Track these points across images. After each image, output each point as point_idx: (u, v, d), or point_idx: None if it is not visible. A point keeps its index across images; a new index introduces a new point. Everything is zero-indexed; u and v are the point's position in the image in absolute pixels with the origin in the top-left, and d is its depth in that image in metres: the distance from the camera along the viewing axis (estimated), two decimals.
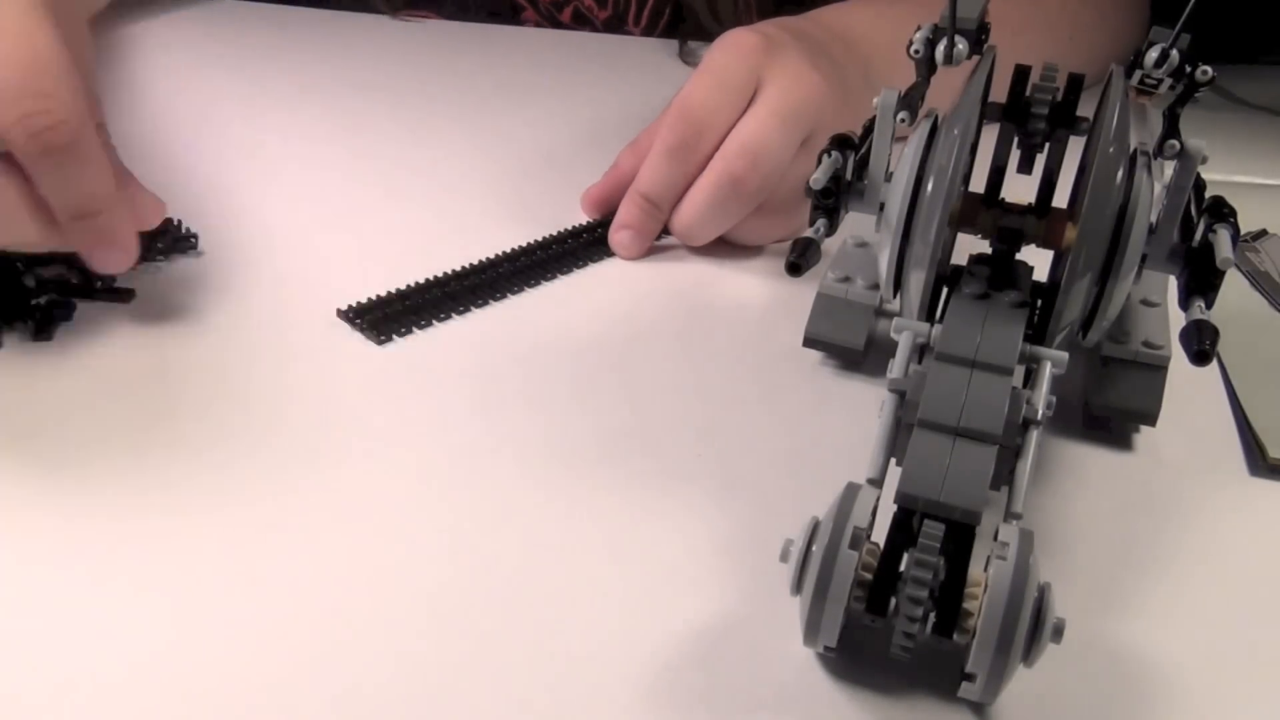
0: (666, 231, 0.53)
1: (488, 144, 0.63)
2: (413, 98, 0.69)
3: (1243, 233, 0.39)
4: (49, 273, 0.44)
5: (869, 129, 0.39)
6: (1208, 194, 0.36)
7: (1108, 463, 0.41)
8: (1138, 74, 0.36)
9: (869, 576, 0.30)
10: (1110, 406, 0.41)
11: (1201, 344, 0.33)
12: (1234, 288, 0.52)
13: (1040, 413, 0.32)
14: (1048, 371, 0.34)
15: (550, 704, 0.30)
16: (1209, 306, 0.34)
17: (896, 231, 0.36)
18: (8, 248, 0.40)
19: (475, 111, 0.68)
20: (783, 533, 0.31)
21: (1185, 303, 0.35)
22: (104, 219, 0.39)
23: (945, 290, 0.37)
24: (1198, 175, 0.36)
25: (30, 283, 0.44)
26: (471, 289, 0.48)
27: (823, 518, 0.30)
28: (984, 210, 0.38)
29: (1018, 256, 0.38)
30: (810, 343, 0.45)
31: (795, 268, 0.36)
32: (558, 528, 0.36)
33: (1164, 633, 0.33)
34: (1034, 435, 0.32)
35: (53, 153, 0.37)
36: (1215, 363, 0.46)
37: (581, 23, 0.83)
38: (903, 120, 0.38)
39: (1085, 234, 0.34)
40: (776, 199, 0.51)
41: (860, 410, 0.42)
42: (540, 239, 0.52)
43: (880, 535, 0.30)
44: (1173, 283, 0.37)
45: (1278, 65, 0.83)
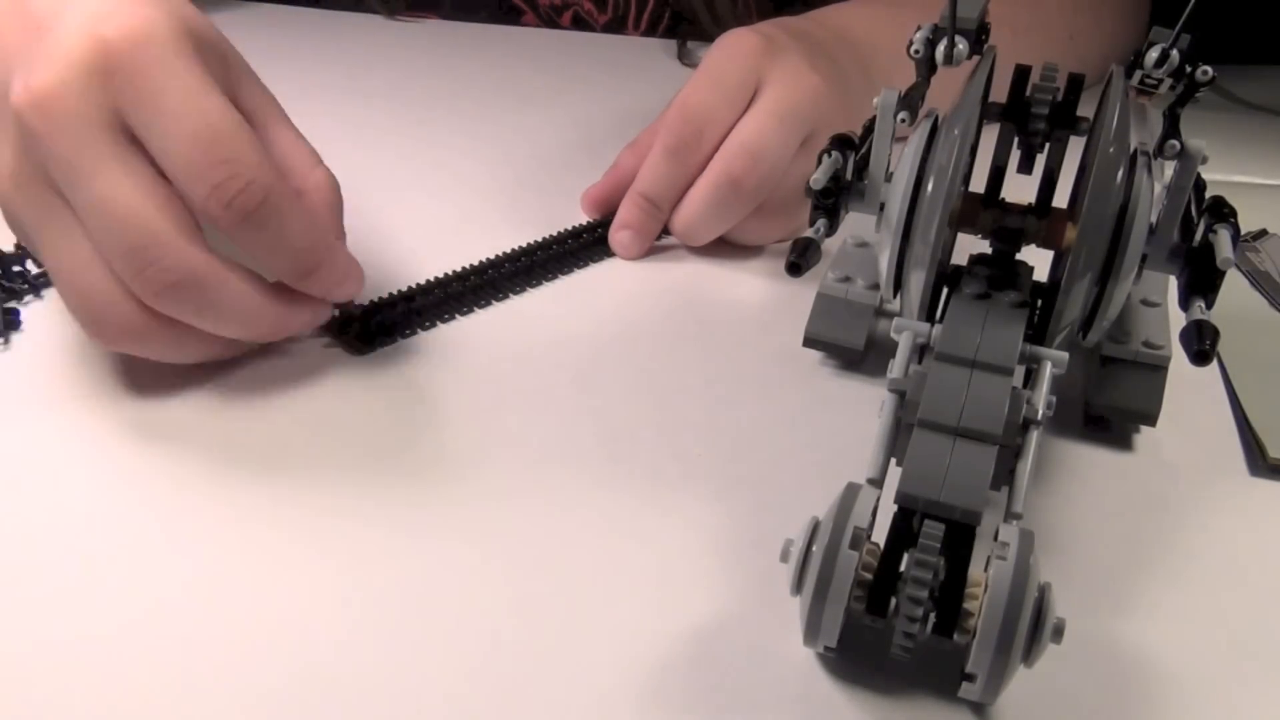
0: (667, 231, 0.53)
1: (487, 145, 0.63)
2: (412, 98, 0.69)
3: (1243, 233, 0.39)
4: None
5: (869, 129, 0.39)
6: (1208, 194, 0.36)
7: (1108, 463, 0.41)
8: (1138, 74, 0.36)
9: (869, 576, 0.30)
10: (1110, 406, 0.41)
11: (1202, 344, 0.33)
12: (1234, 288, 0.52)
13: (1040, 413, 0.32)
14: (1048, 371, 0.34)
15: (550, 704, 0.30)
16: (1209, 306, 0.34)
17: (896, 231, 0.36)
18: (242, 335, 0.40)
19: (474, 112, 0.68)
20: (783, 533, 0.31)
21: (1185, 303, 0.35)
22: (326, 268, 0.40)
23: (945, 290, 0.37)
24: (1198, 175, 0.36)
25: None
26: (472, 290, 0.48)
27: (823, 518, 0.30)
28: (984, 210, 0.38)
29: (1018, 256, 0.38)
30: (810, 343, 0.45)
31: (795, 268, 0.36)
32: (557, 527, 0.36)
33: (1164, 633, 0.33)
34: (1034, 435, 0.32)
35: (252, 216, 0.37)
36: (1215, 363, 0.46)
37: (581, 26, 0.83)
38: (903, 120, 0.38)
39: (1085, 234, 0.34)
40: (776, 199, 0.51)
41: (860, 410, 0.42)
42: (539, 240, 0.52)
43: (880, 535, 0.30)
44: (1173, 283, 0.37)
45: (1278, 65, 0.83)
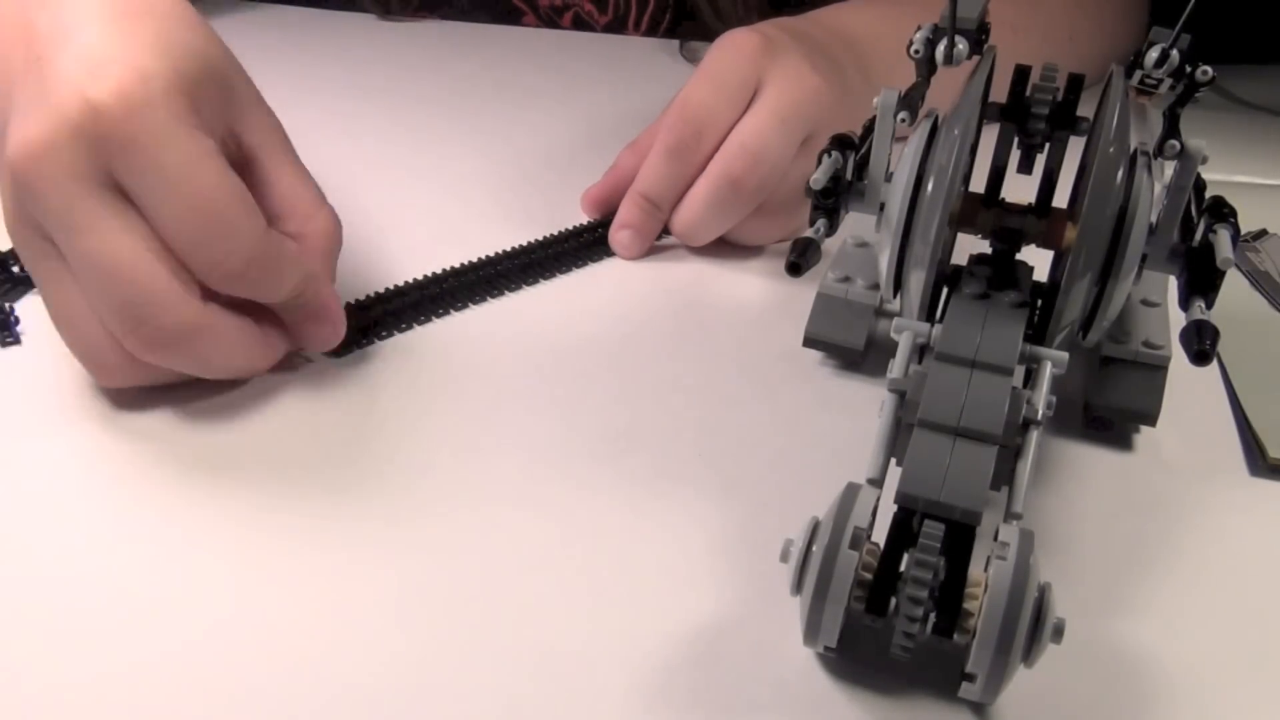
0: (667, 231, 0.53)
1: (487, 145, 0.63)
2: (411, 98, 0.69)
3: (1243, 233, 0.39)
4: None
5: (869, 129, 0.39)
6: (1208, 194, 0.36)
7: (1108, 463, 0.41)
8: (1138, 74, 0.36)
9: (869, 576, 0.30)
10: (1110, 406, 0.41)
11: (1201, 344, 0.33)
12: (1234, 288, 0.52)
13: (1040, 413, 0.32)
14: (1048, 371, 0.34)
15: (550, 704, 0.30)
16: (1209, 306, 0.34)
17: (896, 231, 0.36)
18: (235, 374, 0.41)
19: (474, 112, 0.68)
20: (783, 533, 0.31)
21: (1185, 303, 0.35)
22: (306, 298, 0.40)
23: (945, 290, 0.37)
24: (1198, 175, 0.36)
25: None
26: (469, 286, 0.48)
27: (823, 518, 0.30)
28: (984, 210, 0.38)
29: (1018, 256, 0.38)
30: (810, 343, 0.45)
31: (795, 268, 0.36)
32: (556, 527, 0.36)
33: (1164, 633, 0.33)
34: (1034, 435, 0.32)
35: (248, 282, 0.38)
36: (1215, 363, 0.46)
37: (581, 27, 0.83)
38: (903, 120, 0.38)
39: (1085, 234, 0.34)
40: (776, 199, 0.51)
41: (860, 410, 0.42)
42: (539, 239, 0.52)
43: (880, 535, 0.30)
44: (1173, 283, 0.37)
45: (1278, 65, 0.83)
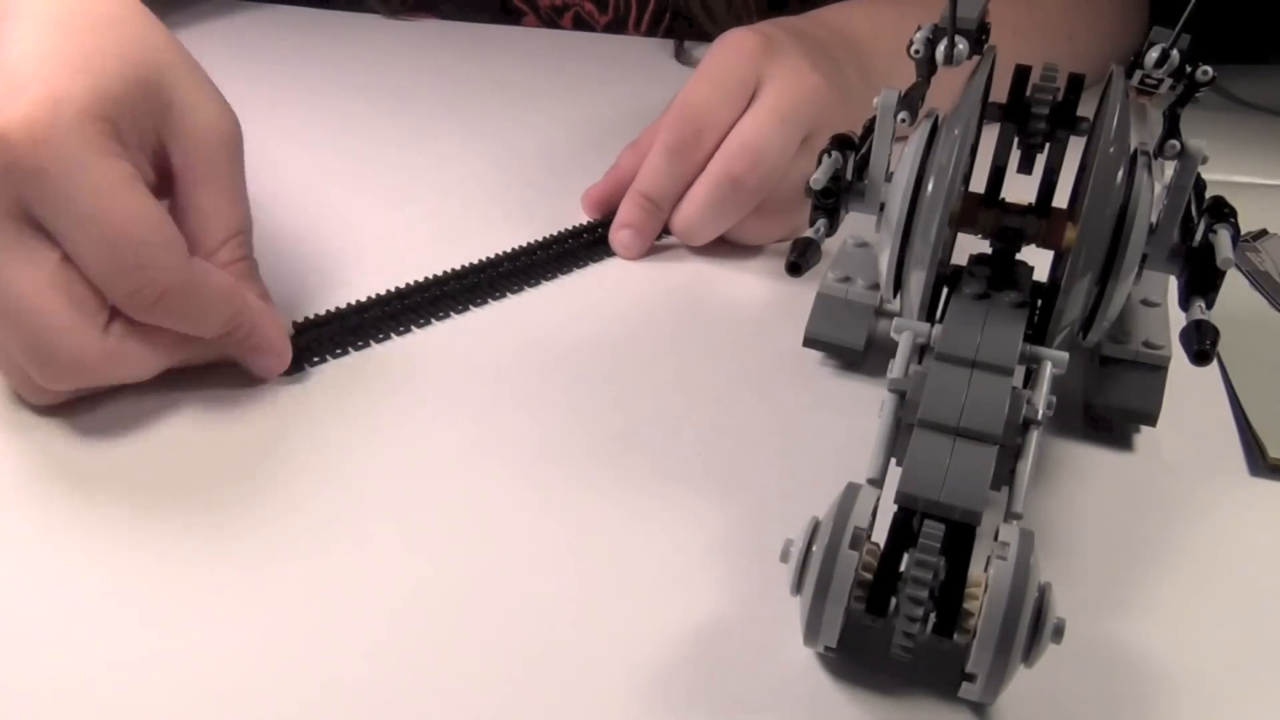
0: (667, 231, 0.53)
1: (486, 145, 0.63)
2: (411, 98, 0.69)
3: (1243, 233, 0.39)
4: None
5: (869, 129, 0.39)
6: (1208, 194, 0.36)
7: (1108, 463, 0.41)
8: (1138, 74, 0.36)
9: (869, 576, 0.30)
10: (1110, 406, 0.41)
11: (1202, 344, 0.33)
12: (1234, 288, 0.52)
13: (1040, 413, 0.32)
14: (1048, 371, 0.34)
15: (549, 704, 0.30)
16: (1209, 306, 0.34)
17: (896, 231, 0.36)
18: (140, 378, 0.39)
19: (474, 112, 0.68)
20: (783, 533, 0.31)
21: (1185, 303, 0.35)
22: (244, 331, 0.40)
23: (945, 290, 0.37)
24: (1198, 175, 0.36)
25: None
26: (470, 288, 0.48)
27: (823, 518, 0.30)
28: (984, 210, 0.38)
29: (1018, 256, 0.38)
30: (810, 343, 0.45)
31: (795, 268, 0.36)
32: (556, 527, 0.36)
33: (1164, 633, 0.33)
34: (1034, 435, 0.32)
35: (170, 311, 0.37)
36: (1215, 363, 0.46)
37: (582, 27, 0.83)
38: (903, 120, 0.38)
39: (1085, 234, 0.34)
40: (776, 199, 0.51)
41: (860, 410, 0.42)
42: (539, 239, 0.52)
43: (880, 535, 0.30)
44: (1173, 283, 0.37)
45: (1278, 65, 0.83)
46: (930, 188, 0.35)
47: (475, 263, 0.50)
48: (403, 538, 0.35)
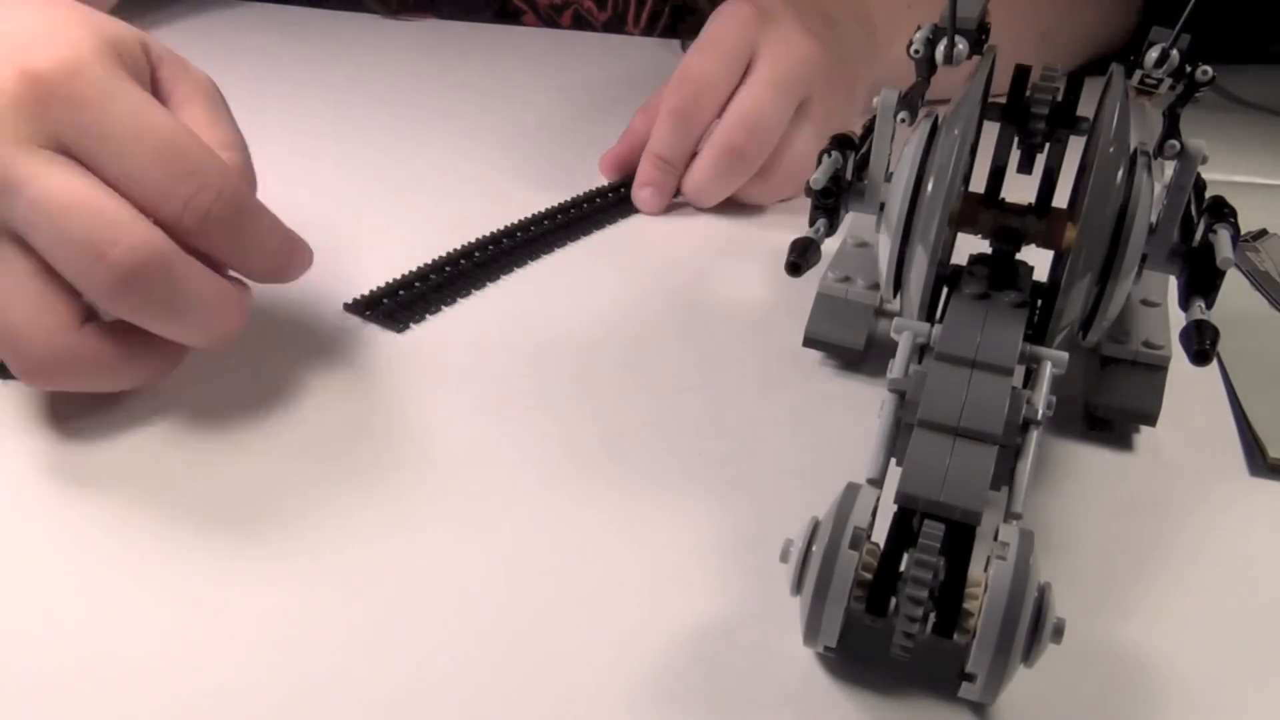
0: (678, 193, 0.57)
1: (486, 145, 0.63)
2: (411, 98, 0.69)
3: (1243, 233, 0.39)
4: None
5: (869, 129, 0.39)
6: (1208, 194, 0.36)
7: (1108, 463, 0.41)
8: (1138, 74, 0.36)
9: (869, 576, 0.30)
10: (1110, 406, 0.41)
11: (1201, 344, 0.33)
12: (1234, 288, 0.52)
13: (1040, 413, 0.32)
14: (1048, 371, 0.34)
15: (549, 704, 0.30)
16: (1209, 306, 0.34)
17: (896, 231, 0.36)
18: (219, 338, 0.39)
19: (474, 112, 0.68)
20: (783, 533, 0.31)
21: (1185, 303, 0.35)
22: (285, 260, 0.40)
23: (945, 290, 0.37)
24: (1198, 175, 0.36)
25: None
26: (452, 280, 0.49)
27: (823, 518, 0.30)
28: (984, 210, 0.38)
29: (1018, 256, 0.38)
30: (810, 343, 0.45)
31: (795, 268, 0.36)
32: (556, 527, 0.36)
33: (1164, 633, 0.33)
34: (1034, 435, 0.32)
35: (225, 223, 0.37)
36: (1215, 363, 0.46)
37: (581, 25, 0.83)
38: (903, 120, 0.38)
39: (1085, 234, 0.34)
40: (778, 162, 0.55)
41: (860, 410, 0.42)
42: (532, 215, 0.54)
43: (880, 535, 0.30)
44: (1173, 283, 0.37)
45: (1278, 65, 0.83)
46: (930, 188, 0.35)
47: (462, 246, 0.51)
48: (397, 537, 0.35)
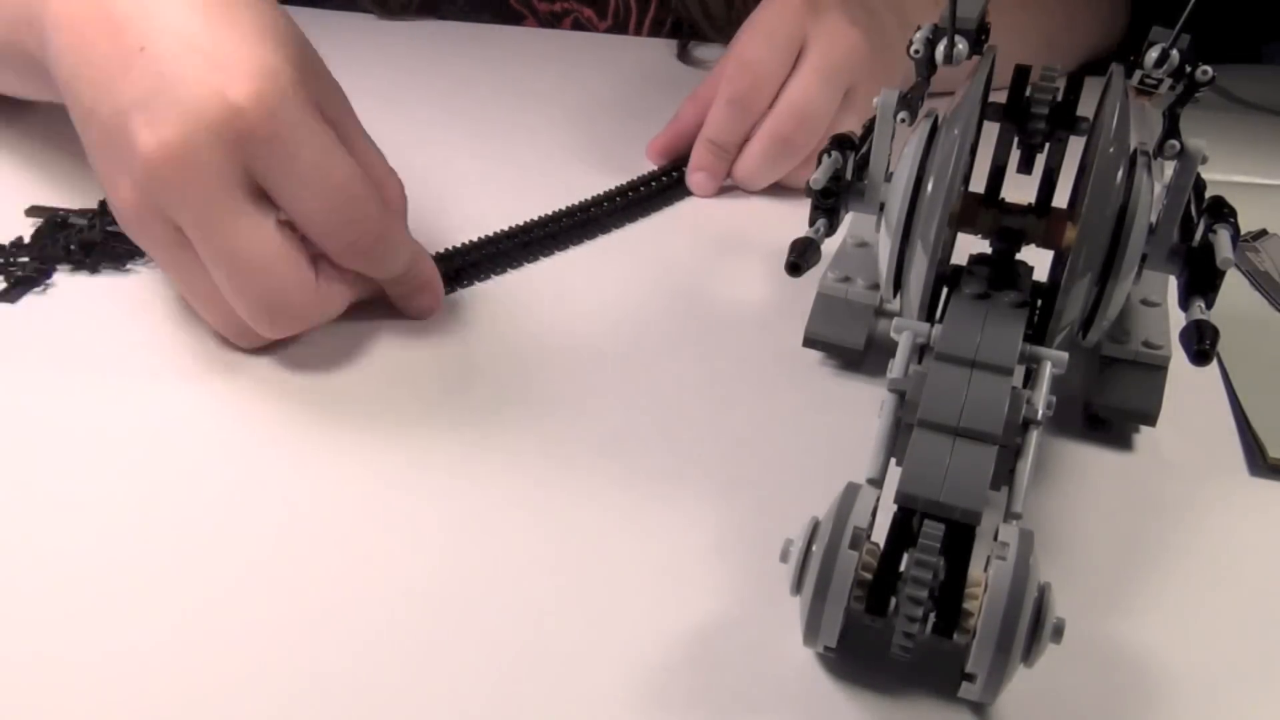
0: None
1: (485, 145, 0.63)
2: (410, 99, 0.69)
3: (1243, 233, 0.39)
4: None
5: (869, 129, 0.39)
6: (1208, 194, 0.36)
7: (1108, 463, 0.41)
8: (1138, 74, 0.36)
9: (869, 576, 0.30)
10: (1110, 406, 0.41)
11: (1201, 344, 0.33)
12: (1234, 288, 0.52)
13: (1040, 413, 0.32)
14: (1048, 371, 0.34)
15: (549, 704, 0.30)
16: (1209, 306, 0.34)
17: (896, 231, 0.36)
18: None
19: (473, 112, 0.68)
20: (783, 533, 0.31)
21: (1185, 303, 0.35)
22: (411, 275, 0.44)
23: (945, 290, 0.37)
24: (1198, 175, 0.36)
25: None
26: (464, 272, 0.49)
27: (823, 518, 0.30)
28: (984, 210, 0.38)
29: (1018, 256, 0.38)
30: (810, 343, 0.45)
31: (795, 268, 0.36)
32: (556, 527, 0.36)
33: (1164, 633, 0.33)
34: (1034, 435, 0.32)
35: (372, 257, 0.42)
36: (1215, 363, 0.46)
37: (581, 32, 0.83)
38: (902, 120, 0.38)
39: (1085, 234, 0.34)
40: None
41: (860, 410, 0.42)
42: (533, 221, 0.53)
43: (880, 535, 0.30)
44: (1173, 283, 0.37)
45: (1278, 65, 0.83)
46: (930, 188, 0.35)
47: (462, 244, 0.51)
48: (397, 540, 0.35)
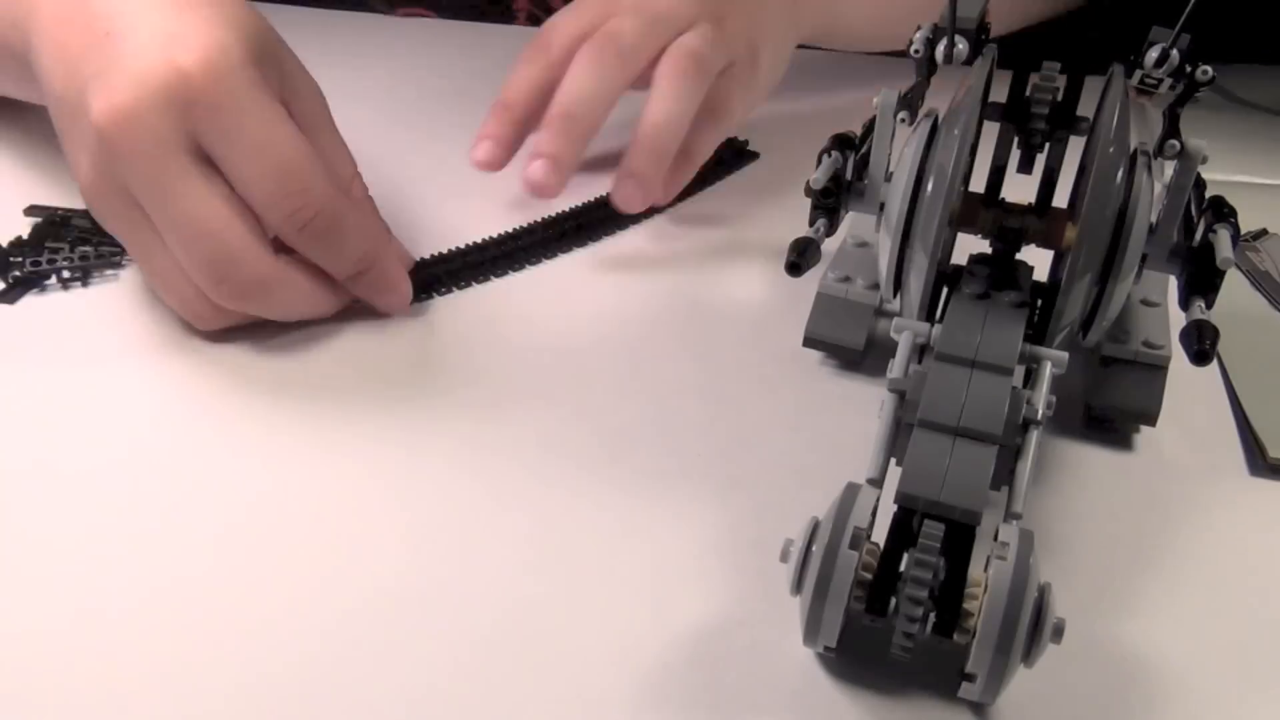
0: (655, 210, 0.53)
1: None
2: (410, 99, 0.69)
3: (1243, 233, 0.39)
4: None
5: (869, 129, 0.39)
6: (1208, 194, 0.36)
7: (1108, 463, 0.41)
8: (1138, 74, 0.36)
9: (869, 576, 0.30)
10: (1110, 406, 0.41)
11: (1201, 344, 0.33)
12: (1234, 288, 0.52)
13: (1040, 413, 0.32)
14: (1048, 371, 0.34)
15: (549, 704, 0.30)
16: (1209, 306, 0.34)
17: (896, 231, 0.36)
18: (305, 317, 0.44)
19: (471, 113, 0.68)
20: (783, 533, 0.31)
21: (1185, 303, 0.35)
22: (375, 271, 0.44)
23: (945, 290, 0.37)
24: (1198, 175, 0.36)
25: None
26: (460, 270, 0.49)
27: (823, 518, 0.30)
28: (984, 210, 0.38)
29: (1018, 256, 0.38)
30: (810, 343, 0.45)
31: (795, 268, 0.36)
32: (556, 527, 0.36)
33: (1164, 633, 0.33)
34: (1034, 435, 0.32)
35: (319, 236, 0.41)
36: (1215, 363, 0.46)
37: None
38: (903, 120, 0.38)
39: (1085, 234, 0.34)
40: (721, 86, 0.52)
41: (860, 410, 0.42)
42: (536, 221, 0.53)
43: (880, 535, 0.30)
44: (1173, 283, 0.37)
45: (1278, 65, 0.82)
46: (930, 188, 0.35)
47: (463, 246, 0.51)
48: (394, 541, 0.35)
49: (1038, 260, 0.38)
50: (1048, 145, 0.37)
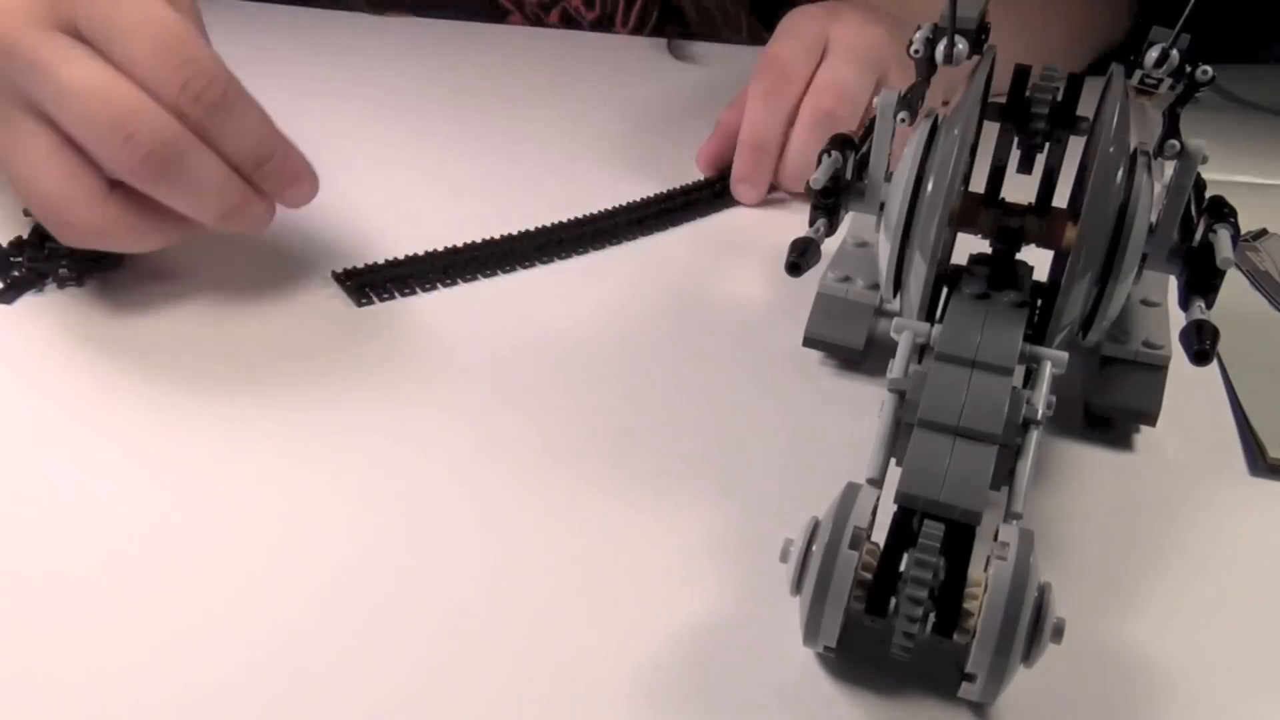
0: (774, 188, 0.58)
1: (481, 146, 0.63)
2: (408, 99, 0.69)
3: (1243, 233, 0.39)
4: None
5: (869, 129, 0.39)
6: (1208, 194, 0.36)
7: (1108, 463, 0.41)
8: (1138, 74, 0.36)
9: (869, 576, 0.30)
10: (1110, 406, 0.41)
11: (1201, 344, 0.33)
12: (1234, 288, 0.52)
13: (1040, 413, 0.32)
14: (1048, 371, 0.34)
15: (549, 704, 0.30)
16: (1209, 306, 0.34)
17: (896, 231, 0.36)
18: (224, 214, 0.42)
19: (470, 113, 0.68)
20: (783, 533, 0.31)
21: (1185, 303, 0.35)
22: (279, 157, 0.43)
23: (945, 290, 0.37)
24: (1198, 175, 0.36)
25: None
26: (463, 264, 0.49)
27: (823, 518, 0.30)
28: (984, 210, 0.38)
29: (1018, 256, 0.38)
30: (810, 343, 0.45)
31: (795, 268, 0.36)
32: (556, 526, 0.36)
33: (1164, 633, 0.33)
34: (1034, 435, 0.32)
35: (217, 107, 0.40)
36: (1215, 363, 0.46)
37: (569, 24, 0.83)
38: (902, 120, 0.38)
39: (1085, 234, 0.34)
40: None
41: (860, 410, 0.42)
42: (553, 223, 0.53)
43: (880, 535, 0.30)
44: (1173, 283, 0.37)
45: (1278, 65, 0.82)
46: (930, 188, 0.35)
47: (471, 242, 0.51)
48: (393, 542, 0.35)
49: (1038, 260, 0.38)
50: (1048, 145, 0.37)
